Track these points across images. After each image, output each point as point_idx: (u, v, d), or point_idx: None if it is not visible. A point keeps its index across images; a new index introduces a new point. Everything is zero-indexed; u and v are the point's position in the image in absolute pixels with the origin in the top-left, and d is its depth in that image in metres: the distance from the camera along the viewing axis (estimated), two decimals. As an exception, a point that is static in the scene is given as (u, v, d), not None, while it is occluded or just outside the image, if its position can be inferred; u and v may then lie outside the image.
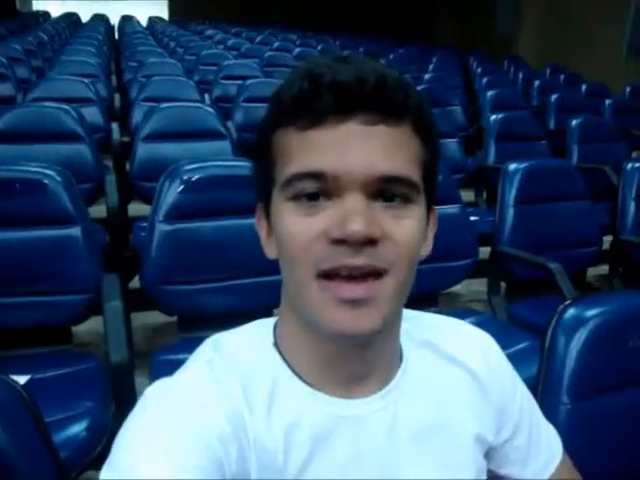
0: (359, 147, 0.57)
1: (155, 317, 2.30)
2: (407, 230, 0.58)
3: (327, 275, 0.56)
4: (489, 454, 0.73)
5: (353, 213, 0.55)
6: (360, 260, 0.55)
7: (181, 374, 0.63)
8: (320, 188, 0.57)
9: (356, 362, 0.63)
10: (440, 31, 13.43)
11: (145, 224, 1.95)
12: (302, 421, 0.61)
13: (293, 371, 0.64)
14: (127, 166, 3.18)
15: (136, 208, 3.16)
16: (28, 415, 0.86)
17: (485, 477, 0.72)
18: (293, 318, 0.64)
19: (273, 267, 0.65)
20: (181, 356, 0.68)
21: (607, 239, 2.71)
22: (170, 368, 0.65)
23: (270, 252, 0.65)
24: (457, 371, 0.71)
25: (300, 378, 0.64)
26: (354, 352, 0.62)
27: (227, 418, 0.58)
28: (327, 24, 12.27)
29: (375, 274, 0.56)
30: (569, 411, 1.01)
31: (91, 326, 2.06)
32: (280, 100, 0.60)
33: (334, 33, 10.67)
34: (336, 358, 0.63)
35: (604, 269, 2.95)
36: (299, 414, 0.62)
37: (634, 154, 4.07)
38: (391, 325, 0.64)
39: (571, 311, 1.05)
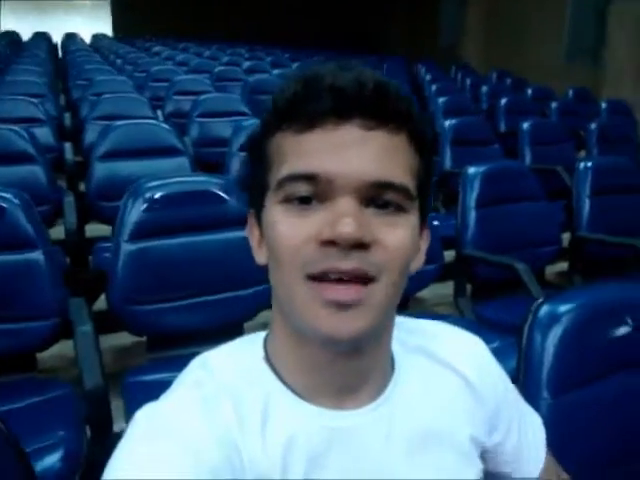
0: (355, 151, 0.56)
1: (122, 338, 2.25)
2: (399, 237, 0.57)
3: (316, 277, 0.55)
4: (483, 456, 0.73)
5: (344, 215, 0.54)
6: (349, 264, 0.54)
7: (170, 396, 0.61)
8: (313, 191, 0.56)
9: (347, 371, 0.62)
10: (388, 40, 13.64)
11: (106, 244, 1.90)
12: (298, 435, 0.60)
13: (285, 384, 0.63)
14: (81, 186, 3.11)
15: (93, 228, 3.10)
16: (7, 446, 0.83)
17: (482, 477, 0.72)
18: (283, 325, 0.62)
19: (241, 282, 0.64)
20: (152, 377, 0.67)
21: (564, 237, 2.78)
22: (143, 389, 0.64)
23: (260, 258, 0.64)
24: (449, 374, 0.70)
25: (292, 391, 0.62)
26: (344, 360, 0.61)
27: (218, 444, 0.57)
28: (276, 36, 12.32)
29: (365, 279, 0.55)
30: (550, 406, 1.02)
31: (54, 350, 2.00)
32: (276, 104, 0.60)
33: (284, 45, 10.70)
34: (327, 366, 0.61)
35: (562, 266, 3.02)
36: (294, 428, 0.60)
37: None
38: (382, 332, 0.63)
39: (545, 308, 1.07)
